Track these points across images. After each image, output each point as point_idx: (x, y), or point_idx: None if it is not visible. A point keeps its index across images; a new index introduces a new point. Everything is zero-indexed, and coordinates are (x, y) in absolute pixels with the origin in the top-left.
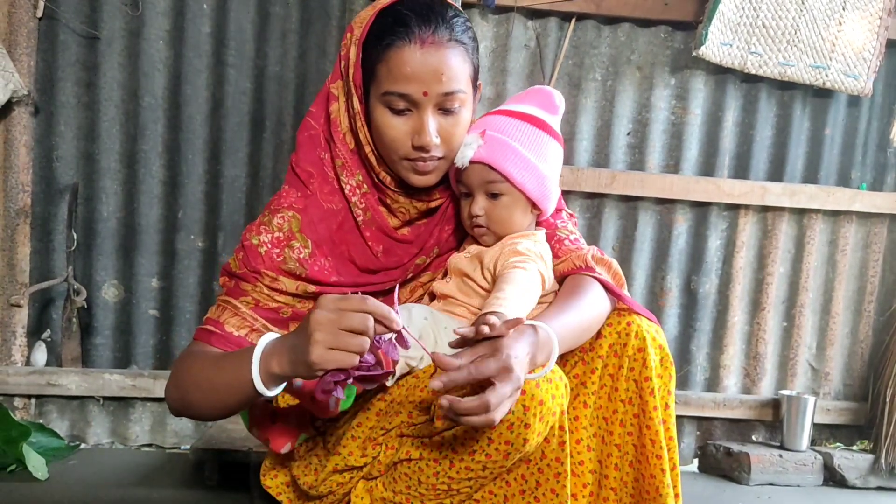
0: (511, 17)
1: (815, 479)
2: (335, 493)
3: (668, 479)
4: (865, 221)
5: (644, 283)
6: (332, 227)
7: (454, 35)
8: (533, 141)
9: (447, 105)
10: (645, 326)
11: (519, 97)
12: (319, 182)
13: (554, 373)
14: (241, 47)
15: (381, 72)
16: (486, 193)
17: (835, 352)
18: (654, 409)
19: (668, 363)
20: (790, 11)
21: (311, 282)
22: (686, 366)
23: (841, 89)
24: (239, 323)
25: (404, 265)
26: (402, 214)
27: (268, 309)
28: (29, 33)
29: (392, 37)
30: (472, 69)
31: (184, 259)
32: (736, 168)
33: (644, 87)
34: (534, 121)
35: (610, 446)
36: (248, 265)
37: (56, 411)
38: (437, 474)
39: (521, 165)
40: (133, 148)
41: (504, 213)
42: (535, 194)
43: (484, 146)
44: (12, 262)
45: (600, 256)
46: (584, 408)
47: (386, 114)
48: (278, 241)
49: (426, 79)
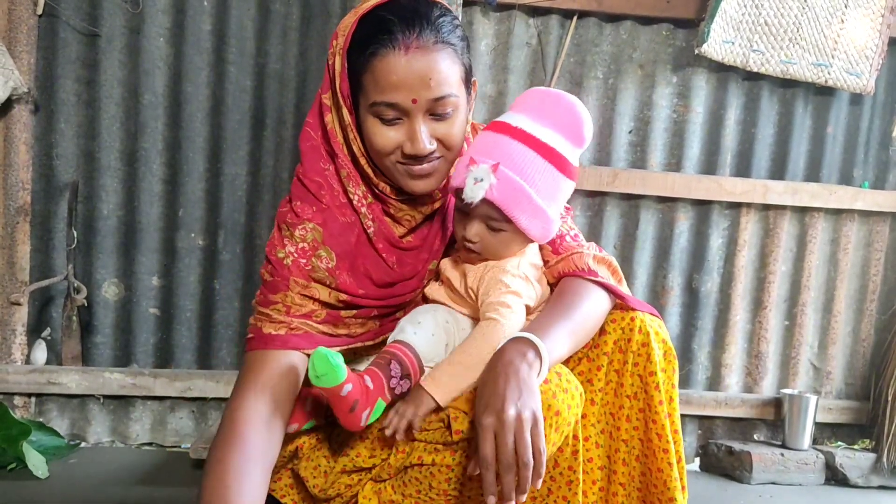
0: (512, 15)
1: (817, 478)
2: (343, 496)
3: (676, 473)
4: (867, 220)
5: (645, 282)
6: (350, 241)
7: (441, 37)
8: (549, 185)
9: (438, 111)
10: (648, 321)
11: (547, 109)
12: (330, 195)
13: (570, 382)
14: (241, 45)
15: (367, 82)
16: (485, 225)
17: (836, 350)
18: (660, 403)
19: (671, 357)
20: (792, 9)
21: (341, 291)
22: (687, 364)
23: (843, 87)
24: (274, 327)
25: (419, 273)
26: (408, 222)
27: (300, 315)
28: (29, 30)
29: (375, 45)
30: (462, 70)
31: (184, 257)
32: (738, 166)
33: (646, 84)
34: (555, 159)
35: (617, 442)
36: (278, 275)
37: (56, 410)
38: (450, 480)
39: (531, 213)
40: (133, 146)
41: (500, 246)
42: (537, 236)
43: (497, 186)
44: (12, 261)
45: (601, 256)
46: (592, 405)
47: (376, 124)
48: (304, 252)
49: (414, 85)
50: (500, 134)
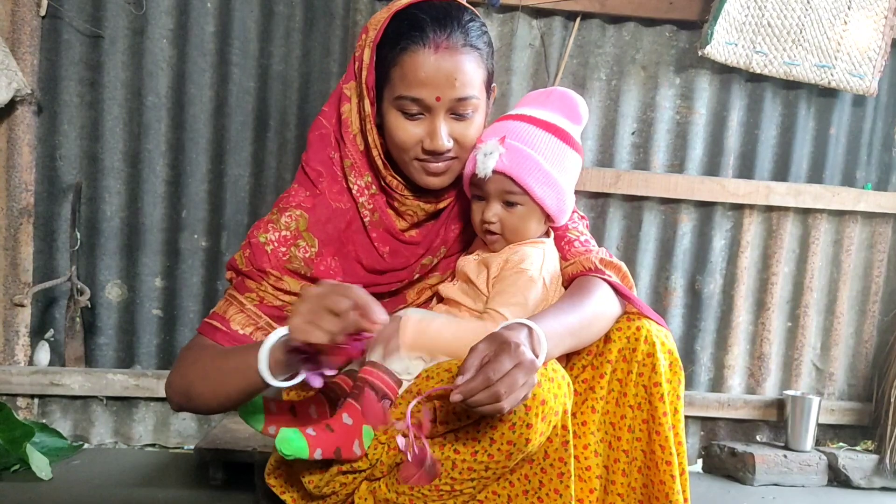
0: (516, 17)
1: (820, 479)
2: (338, 494)
3: (678, 485)
4: (870, 221)
5: (648, 283)
6: (339, 226)
7: (469, 40)
8: (555, 153)
9: (460, 110)
10: (654, 331)
11: (541, 100)
12: (329, 181)
13: (556, 372)
14: (244, 46)
15: (394, 75)
16: (502, 202)
17: (839, 352)
18: (664, 414)
19: (676, 368)
20: (795, 11)
21: (314, 282)
22: (690, 366)
23: (846, 89)
24: (244, 321)
25: (410, 266)
26: (410, 217)
27: (272, 307)
28: (32, 32)
29: (407, 41)
30: (486, 74)
31: (187, 258)
32: (740, 168)
33: (649, 86)
34: (557, 132)
35: (617, 452)
36: (254, 263)
37: (59, 411)
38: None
39: (542, 180)
40: (136, 147)
41: (518, 223)
42: (552, 209)
43: (506, 155)
44: (15, 262)
45: (609, 259)
46: (593, 413)
47: (399, 117)
48: (285, 240)
49: (439, 84)
50: (503, 121)
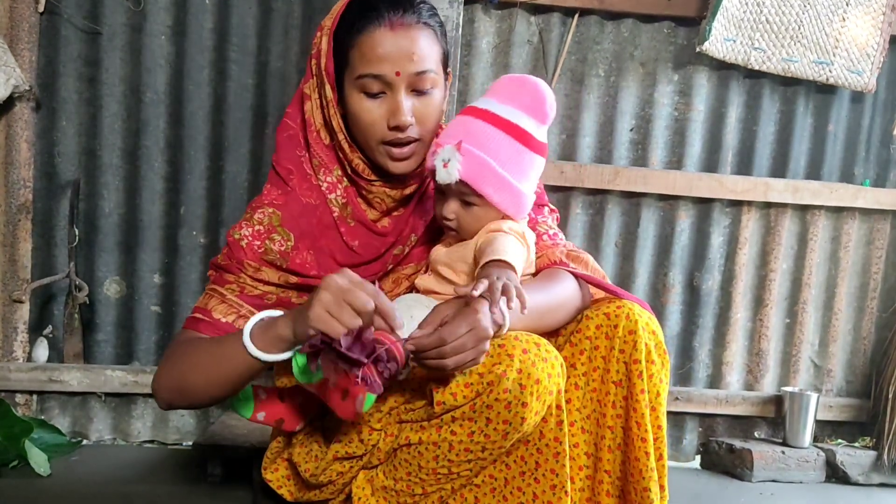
0: (514, 13)
1: (818, 475)
2: (335, 483)
3: (652, 463)
4: (868, 218)
5: (647, 280)
6: (311, 221)
7: (422, 18)
8: (514, 159)
9: (419, 86)
10: (637, 311)
11: (506, 91)
12: (298, 178)
13: (549, 352)
14: (243, 43)
15: (353, 57)
16: (459, 200)
17: (837, 348)
18: (641, 392)
19: (661, 351)
20: (794, 7)
21: (291, 273)
22: (688, 362)
23: (844, 85)
24: (226, 310)
25: (382, 258)
26: (380, 204)
27: (253, 296)
28: (30, 28)
29: (363, 21)
30: (441, 52)
31: (186, 255)
32: (739, 164)
33: (647, 83)
34: (518, 133)
35: (604, 428)
36: (232, 257)
37: (58, 407)
38: (437, 458)
39: (498, 186)
40: (135, 144)
41: (474, 222)
42: (510, 211)
43: (463, 162)
44: (14, 258)
45: (576, 253)
46: (576, 389)
47: (361, 99)
48: (258, 234)
49: (398, 59)
50: (465, 116)
